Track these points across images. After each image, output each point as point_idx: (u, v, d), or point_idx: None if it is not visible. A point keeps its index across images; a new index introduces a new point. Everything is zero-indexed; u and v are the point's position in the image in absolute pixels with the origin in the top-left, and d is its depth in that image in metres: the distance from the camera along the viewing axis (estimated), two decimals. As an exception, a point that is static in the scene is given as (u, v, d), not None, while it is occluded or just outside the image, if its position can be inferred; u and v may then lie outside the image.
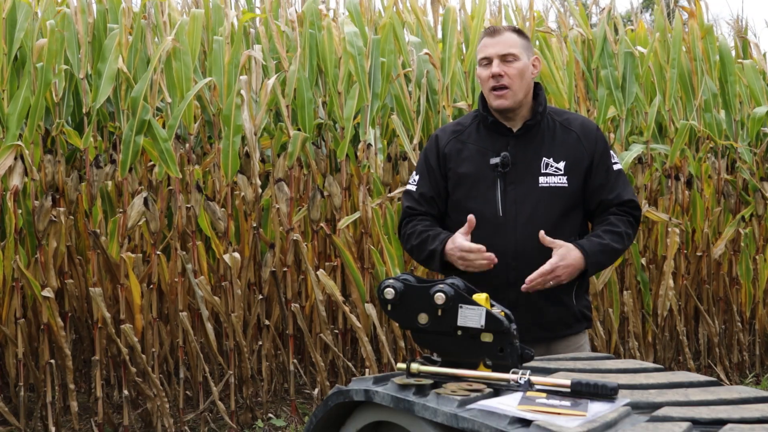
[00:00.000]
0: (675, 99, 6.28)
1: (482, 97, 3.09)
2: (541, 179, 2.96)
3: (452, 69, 5.68)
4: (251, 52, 5.39)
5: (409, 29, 6.14)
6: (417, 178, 3.13)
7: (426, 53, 5.65)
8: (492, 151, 3.00)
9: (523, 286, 2.84)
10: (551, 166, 2.98)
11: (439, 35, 5.96)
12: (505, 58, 2.98)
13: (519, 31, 3.05)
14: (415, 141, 5.57)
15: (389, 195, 5.53)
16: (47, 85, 4.82)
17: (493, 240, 2.92)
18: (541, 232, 2.85)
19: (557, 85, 5.75)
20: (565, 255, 2.85)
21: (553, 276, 2.84)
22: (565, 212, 2.98)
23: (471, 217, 2.88)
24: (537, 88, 3.08)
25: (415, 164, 5.50)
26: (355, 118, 5.54)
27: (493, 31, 3.03)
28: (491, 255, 2.84)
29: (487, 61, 3.00)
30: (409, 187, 3.15)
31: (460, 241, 2.88)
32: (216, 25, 5.65)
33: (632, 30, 6.86)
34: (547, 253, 2.90)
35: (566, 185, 2.97)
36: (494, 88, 2.99)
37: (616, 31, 6.19)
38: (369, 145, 5.45)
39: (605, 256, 2.94)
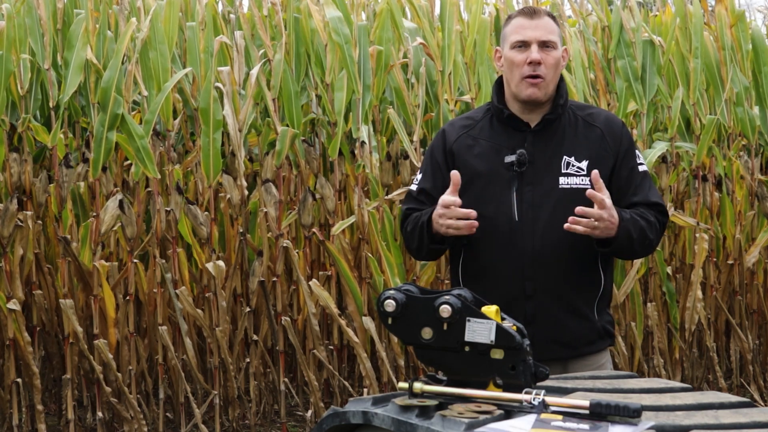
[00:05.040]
0: (700, 92, 6.28)
1: (497, 88, 3.06)
2: (562, 180, 2.94)
3: (452, 58, 5.66)
4: (224, 38, 5.39)
5: (411, 13, 6.13)
6: (420, 177, 3.10)
7: (420, 42, 5.64)
8: (507, 148, 2.96)
9: (566, 224, 2.79)
10: (573, 166, 2.96)
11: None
12: (544, 45, 2.96)
13: (554, 17, 3.04)
14: (416, 138, 5.56)
15: (387, 197, 5.52)
16: (8, 76, 4.81)
17: (507, 247, 2.91)
18: (595, 172, 2.81)
19: (567, 78, 5.75)
20: (612, 206, 2.82)
21: (599, 218, 2.78)
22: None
23: (454, 172, 2.86)
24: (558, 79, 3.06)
25: (416, 163, 5.51)
26: (350, 112, 5.53)
27: (532, 12, 2.99)
28: (471, 215, 2.80)
29: (524, 45, 2.96)
30: (410, 187, 3.13)
31: (443, 197, 2.85)
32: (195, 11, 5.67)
33: (654, 15, 6.86)
34: (567, 261, 2.90)
35: (589, 186, 2.91)
36: (529, 76, 2.95)
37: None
38: (363, 142, 5.44)
39: (635, 232, 2.89)
